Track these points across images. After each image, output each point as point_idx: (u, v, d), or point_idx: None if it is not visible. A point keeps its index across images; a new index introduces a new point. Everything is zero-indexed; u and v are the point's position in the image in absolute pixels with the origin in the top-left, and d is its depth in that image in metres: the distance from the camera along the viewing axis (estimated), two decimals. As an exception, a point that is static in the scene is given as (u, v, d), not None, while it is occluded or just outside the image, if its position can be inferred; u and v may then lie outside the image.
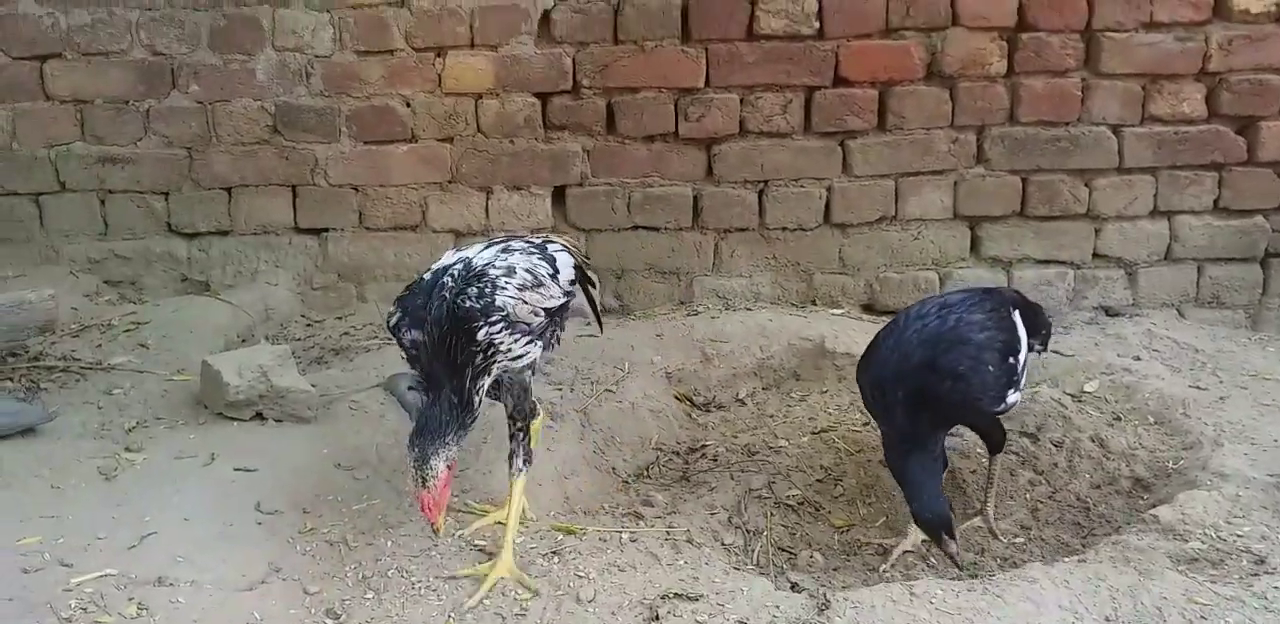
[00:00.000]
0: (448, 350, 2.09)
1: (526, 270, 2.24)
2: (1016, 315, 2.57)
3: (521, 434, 2.33)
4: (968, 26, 3.40)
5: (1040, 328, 2.71)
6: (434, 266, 2.24)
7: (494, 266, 2.20)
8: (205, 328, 3.20)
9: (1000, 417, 2.61)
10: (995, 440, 2.64)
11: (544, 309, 2.23)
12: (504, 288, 2.17)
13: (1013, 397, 2.50)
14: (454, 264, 2.22)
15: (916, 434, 2.40)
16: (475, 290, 2.13)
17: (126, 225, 3.53)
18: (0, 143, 3.48)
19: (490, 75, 3.43)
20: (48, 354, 2.98)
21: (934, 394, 2.37)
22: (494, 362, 2.14)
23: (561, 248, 2.42)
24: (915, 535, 2.57)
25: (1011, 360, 2.48)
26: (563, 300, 2.34)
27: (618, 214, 3.54)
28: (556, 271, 2.32)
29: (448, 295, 2.12)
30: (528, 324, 2.19)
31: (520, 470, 2.33)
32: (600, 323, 2.79)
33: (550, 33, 3.41)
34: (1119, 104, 3.45)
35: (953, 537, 2.39)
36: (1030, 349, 2.62)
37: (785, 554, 2.58)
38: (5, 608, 1.99)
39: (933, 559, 2.55)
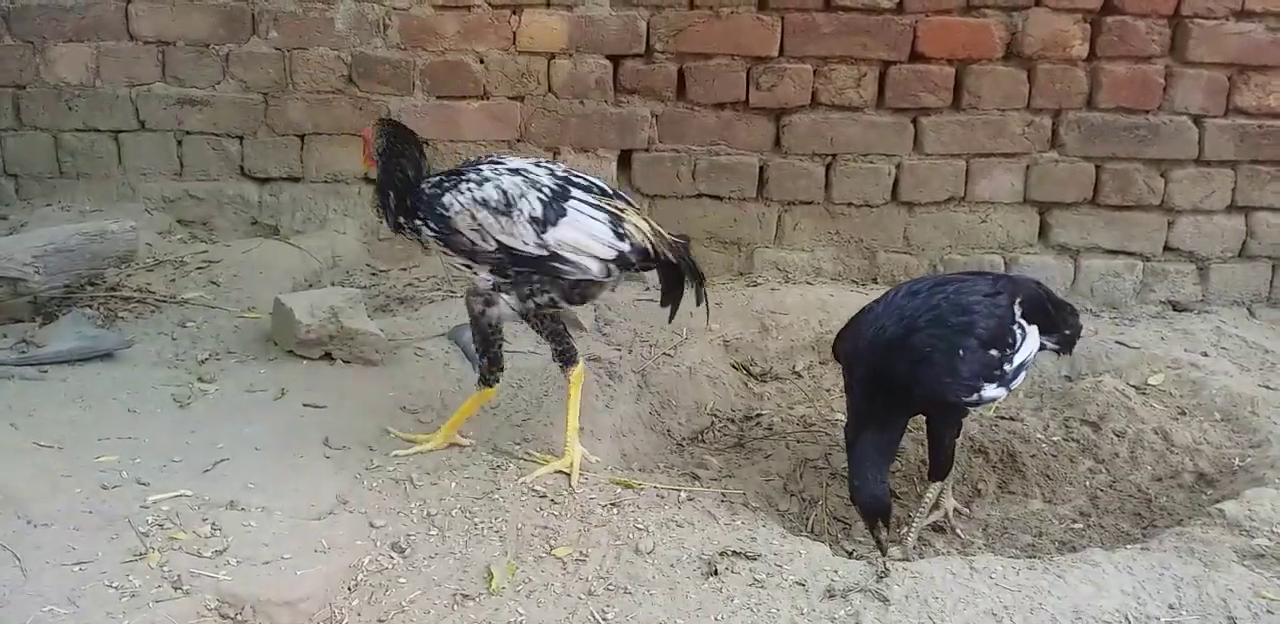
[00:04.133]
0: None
1: (503, 191, 2.24)
2: (1018, 308, 2.40)
3: (558, 336, 2.38)
4: (1051, 7, 3.33)
5: (1061, 327, 2.54)
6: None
7: (482, 174, 2.27)
8: (274, 270, 3.24)
9: (956, 436, 2.43)
10: (942, 459, 2.43)
11: (497, 241, 2.21)
12: (461, 192, 2.23)
13: (993, 390, 2.32)
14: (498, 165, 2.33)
15: (873, 414, 2.29)
16: (439, 180, 2.27)
17: (201, 166, 3.58)
18: (84, 80, 3.53)
19: (564, 35, 3.42)
20: (124, 285, 3.05)
21: (895, 376, 2.27)
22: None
23: (595, 213, 2.25)
24: (947, 504, 2.55)
25: (994, 352, 2.30)
26: (536, 252, 2.22)
27: (682, 181, 3.52)
28: (546, 220, 2.21)
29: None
30: (470, 242, 2.22)
31: (569, 365, 2.39)
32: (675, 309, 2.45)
33: (626, -7, 3.40)
34: (1203, 94, 3.37)
35: (886, 525, 2.28)
36: (1043, 347, 2.47)
37: (840, 524, 2.58)
38: (85, 520, 2.05)
39: (959, 529, 2.54)
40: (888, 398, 2.29)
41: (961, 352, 2.27)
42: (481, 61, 3.47)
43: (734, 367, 3.15)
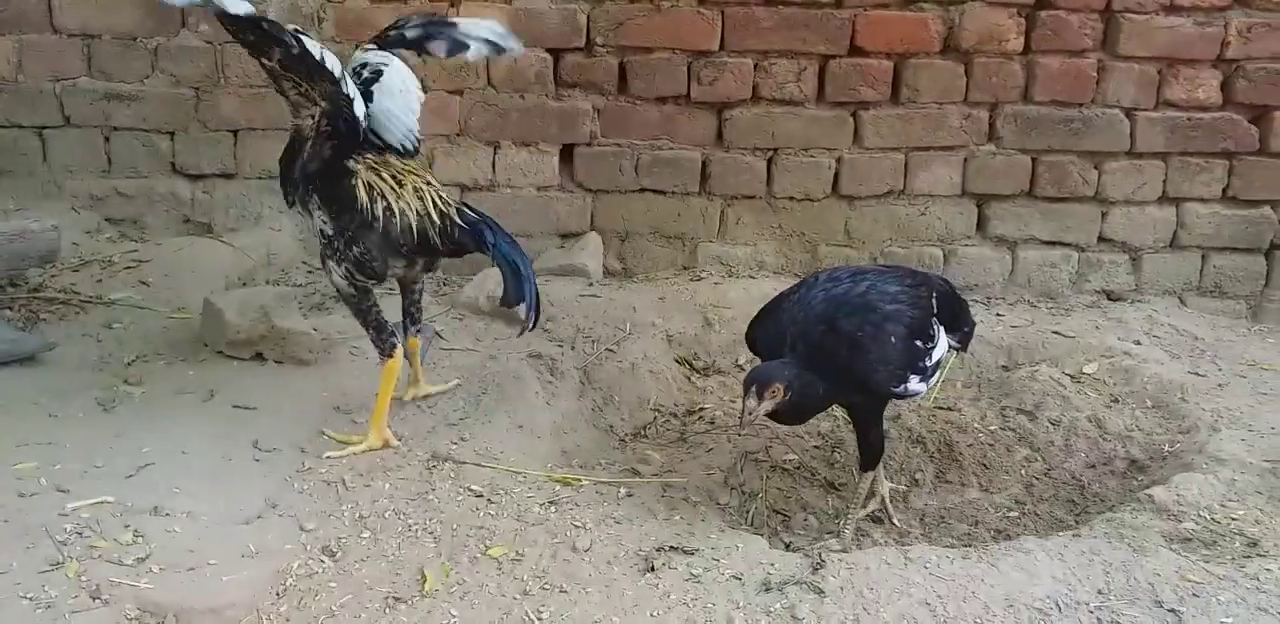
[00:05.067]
0: None
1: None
2: (935, 303, 2.37)
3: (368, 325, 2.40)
4: (987, 1, 3.36)
5: (962, 324, 2.52)
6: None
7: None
8: (207, 269, 3.18)
9: (882, 425, 2.38)
10: (871, 449, 2.38)
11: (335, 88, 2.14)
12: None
13: (916, 384, 2.27)
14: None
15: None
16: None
17: (130, 163, 3.49)
18: (5, 74, 3.42)
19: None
20: (47, 286, 2.97)
21: (829, 357, 2.19)
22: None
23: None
24: (883, 489, 2.55)
25: (919, 343, 2.27)
26: (357, 114, 2.17)
27: (625, 176, 3.51)
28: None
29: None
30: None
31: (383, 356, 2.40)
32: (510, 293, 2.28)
33: (567, -13, 3.37)
34: (1134, 87, 3.43)
35: (760, 399, 2.14)
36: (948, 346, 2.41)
37: (780, 516, 2.58)
38: (1, 530, 1.98)
39: (896, 519, 2.57)
40: (819, 378, 2.20)
41: (893, 339, 2.24)
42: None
43: (677, 361, 3.15)
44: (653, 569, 2.08)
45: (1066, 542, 2.23)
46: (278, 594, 1.95)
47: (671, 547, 2.15)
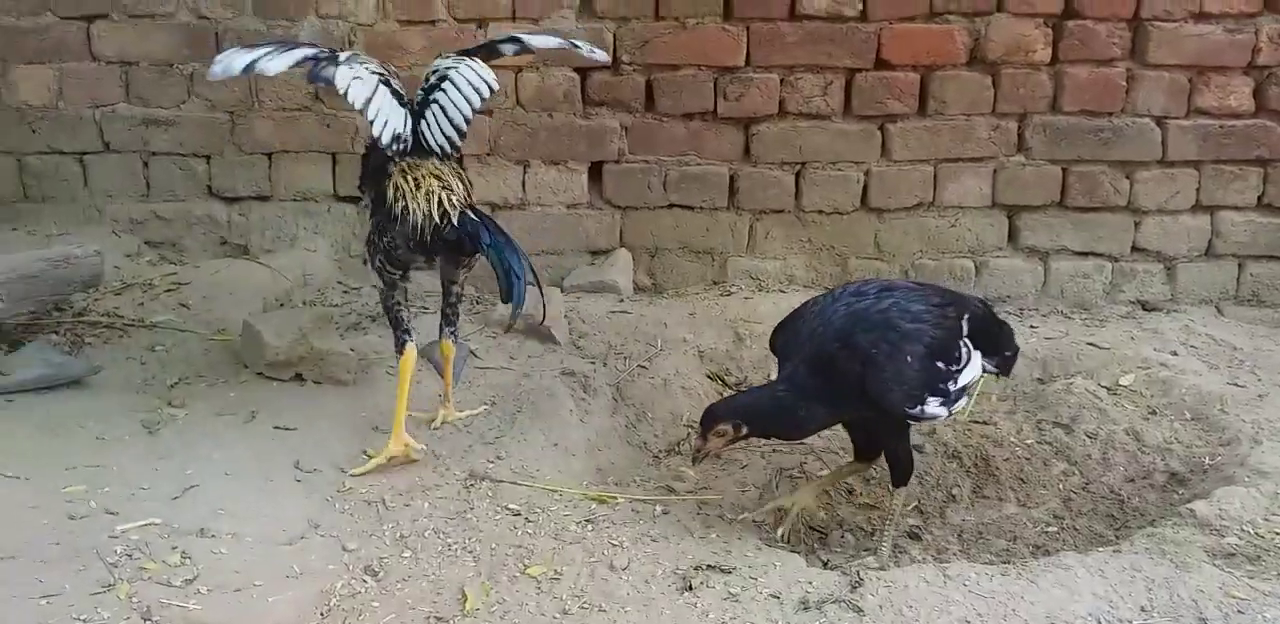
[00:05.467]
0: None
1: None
2: (965, 325, 2.33)
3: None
4: (1013, 12, 3.36)
5: (1002, 348, 2.48)
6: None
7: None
8: (245, 290, 3.23)
9: (910, 441, 2.35)
10: (900, 466, 2.34)
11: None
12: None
13: (935, 407, 2.22)
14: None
15: (807, 389, 2.21)
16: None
17: (168, 187, 3.56)
18: (46, 102, 3.50)
19: (531, 48, 3.43)
20: (91, 310, 3.03)
21: (841, 373, 2.18)
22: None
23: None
24: (806, 498, 2.51)
25: (940, 364, 2.23)
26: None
27: (654, 192, 3.53)
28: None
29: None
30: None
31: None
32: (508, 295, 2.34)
33: (592, 7, 3.40)
34: (1164, 95, 3.41)
35: (705, 437, 2.26)
36: (984, 370, 2.39)
37: (816, 533, 2.58)
38: (52, 552, 2.03)
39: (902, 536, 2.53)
40: (829, 392, 2.21)
41: (909, 358, 2.20)
42: (448, 76, 3.46)
43: (709, 377, 3.15)
44: (690, 588, 2.09)
45: (1107, 557, 2.22)
46: (322, 614, 1.98)
47: (709, 565, 2.16)
